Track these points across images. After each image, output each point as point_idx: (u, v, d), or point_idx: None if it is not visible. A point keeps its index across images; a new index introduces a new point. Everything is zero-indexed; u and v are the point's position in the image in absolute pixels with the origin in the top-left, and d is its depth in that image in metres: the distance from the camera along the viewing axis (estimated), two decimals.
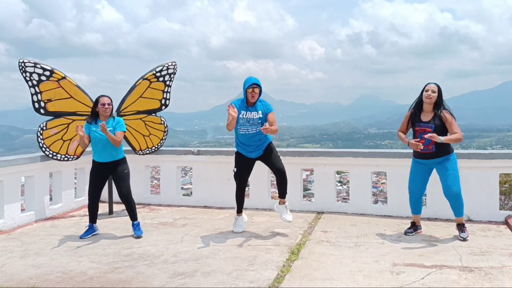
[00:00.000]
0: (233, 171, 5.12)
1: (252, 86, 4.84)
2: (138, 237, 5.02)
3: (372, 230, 5.23)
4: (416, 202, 4.93)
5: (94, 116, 5.07)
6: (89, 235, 5.04)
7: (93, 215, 5.13)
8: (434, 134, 4.49)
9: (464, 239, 4.68)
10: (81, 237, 4.99)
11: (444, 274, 3.75)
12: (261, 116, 4.93)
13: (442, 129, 4.62)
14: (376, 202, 7.76)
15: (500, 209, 5.76)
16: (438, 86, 4.71)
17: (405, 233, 4.93)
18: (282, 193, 5.14)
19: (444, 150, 4.67)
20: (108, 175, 5.20)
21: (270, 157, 5.05)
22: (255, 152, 5.02)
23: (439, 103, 4.67)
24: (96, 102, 5.05)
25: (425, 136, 4.55)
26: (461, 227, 4.82)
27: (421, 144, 4.58)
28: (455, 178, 4.68)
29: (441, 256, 4.21)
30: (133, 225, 5.16)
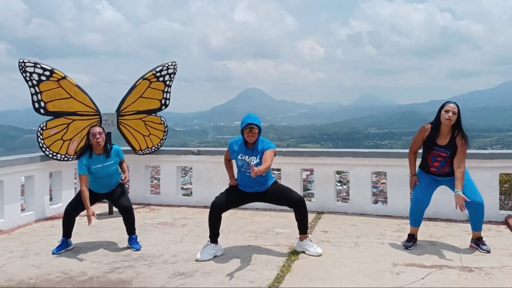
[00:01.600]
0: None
1: (249, 126, 4.21)
2: (137, 250, 4.57)
3: (372, 230, 5.23)
4: (419, 214, 4.54)
5: (89, 149, 4.61)
6: (62, 251, 4.52)
7: (68, 230, 4.61)
8: (463, 199, 4.15)
9: (489, 251, 4.30)
10: (53, 252, 4.50)
11: (444, 274, 3.75)
12: (258, 161, 4.27)
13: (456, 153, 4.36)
14: (376, 202, 7.77)
15: (500, 209, 5.76)
16: (457, 106, 4.33)
17: (406, 247, 4.52)
18: (303, 228, 4.42)
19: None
20: (101, 199, 4.92)
21: (281, 193, 4.40)
22: (257, 188, 4.41)
23: (457, 124, 4.34)
24: (88, 134, 4.64)
25: (460, 206, 4.16)
26: (480, 240, 4.45)
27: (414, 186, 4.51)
28: (475, 188, 4.38)
29: (441, 256, 4.21)
30: (131, 239, 4.72)
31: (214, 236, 4.39)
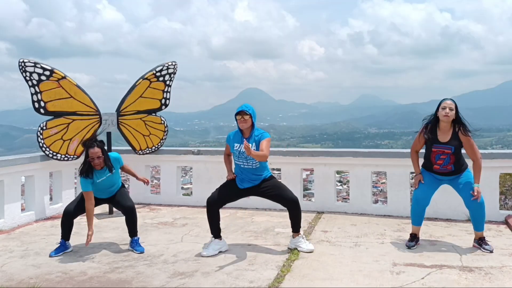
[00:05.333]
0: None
1: (240, 112, 4.33)
2: (141, 253, 4.47)
3: (372, 230, 5.23)
4: (420, 212, 4.55)
5: (89, 168, 4.46)
6: (61, 253, 4.43)
7: (67, 232, 4.53)
8: (477, 192, 4.28)
9: (492, 251, 4.29)
10: (51, 255, 4.41)
11: (444, 274, 3.75)
12: (254, 148, 4.31)
13: (460, 149, 4.37)
14: (376, 202, 7.77)
15: (500, 209, 5.76)
16: (454, 102, 4.36)
17: (408, 246, 4.50)
18: (296, 227, 4.49)
19: (461, 167, 4.44)
20: (102, 203, 4.88)
21: (272, 189, 4.43)
22: (248, 183, 4.45)
23: (456, 120, 4.35)
24: (86, 154, 4.48)
25: (473, 194, 4.30)
26: (482, 240, 4.42)
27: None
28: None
29: (441, 256, 4.21)
30: (133, 241, 4.62)
31: (215, 231, 4.46)
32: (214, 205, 4.41)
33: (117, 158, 4.75)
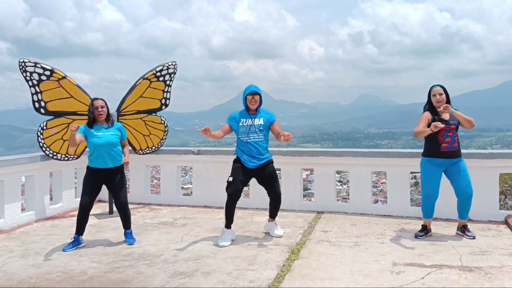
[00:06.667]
0: (228, 181, 4.77)
1: (252, 93, 4.80)
2: (130, 244, 4.74)
3: (372, 230, 5.23)
4: (431, 207, 4.81)
5: (93, 121, 4.83)
6: (73, 248, 4.61)
7: (81, 227, 4.73)
8: (447, 105, 4.53)
9: (474, 237, 4.73)
10: (64, 249, 4.57)
11: (444, 273, 3.75)
12: (262, 123, 4.84)
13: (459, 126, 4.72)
14: (376, 202, 7.78)
15: (500, 209, 5.76)
16: (442, 87, 4.74)
17: (416, 236, 4.83)
18: (274, 215, 5.09)
19: (460, 149, 4.75)
20: (104, 183, 4.86)
21: (269, 178, 4.88)
22: (255, 161, 4.79)
23: (448, 103, 4.70)
24: (91, 106, 4.83)
25: (441, 108, 4.54)
26: (465, 227, 4.87)
27: (441, 124, 4.49)
28: (468, 180, 4.72)
29: (441, 256, 4.21)
30: (125, 233, 4.92)
31: (230, 223, 4.82)
32: (236, 197, 4.74)
33: (121, 127, 4.98)
